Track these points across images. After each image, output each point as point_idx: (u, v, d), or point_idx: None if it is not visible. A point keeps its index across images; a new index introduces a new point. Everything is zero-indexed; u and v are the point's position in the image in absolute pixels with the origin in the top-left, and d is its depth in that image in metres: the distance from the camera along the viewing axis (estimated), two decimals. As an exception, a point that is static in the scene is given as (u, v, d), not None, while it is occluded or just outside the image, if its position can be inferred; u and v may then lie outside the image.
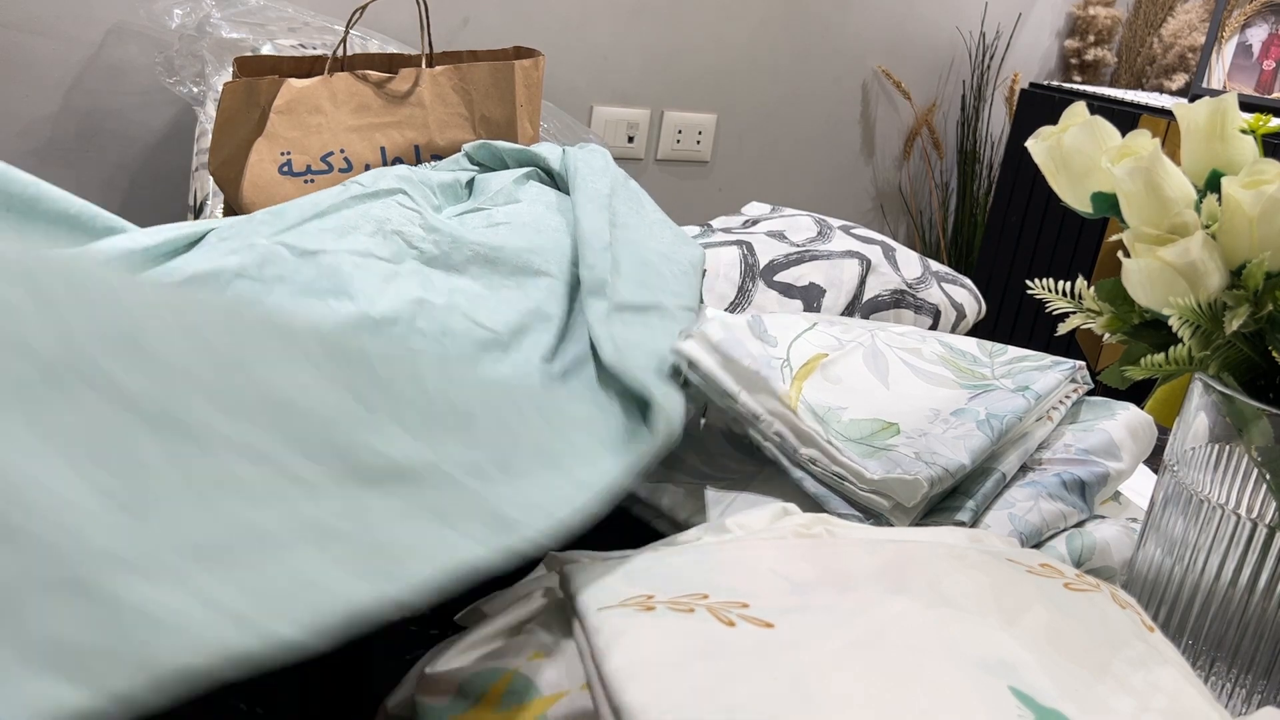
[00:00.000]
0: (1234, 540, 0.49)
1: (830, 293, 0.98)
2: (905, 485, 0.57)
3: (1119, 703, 0.35)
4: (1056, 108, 0.92)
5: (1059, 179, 0.53)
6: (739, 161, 2.39)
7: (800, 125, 2.44)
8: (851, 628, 0.36)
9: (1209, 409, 0.50)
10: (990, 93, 2.64)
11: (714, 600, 0.36)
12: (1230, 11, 2.23)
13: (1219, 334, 0.46)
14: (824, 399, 0.63)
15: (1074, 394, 0.68)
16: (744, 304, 0.96)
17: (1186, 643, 0.51)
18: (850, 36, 2.41)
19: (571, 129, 1.78)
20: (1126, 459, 0.65)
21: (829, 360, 0.67)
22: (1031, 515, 0.60)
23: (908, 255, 1.07)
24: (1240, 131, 0.49)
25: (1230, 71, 2.25)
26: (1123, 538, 0.62)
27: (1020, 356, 0.70)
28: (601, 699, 0.32)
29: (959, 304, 1.06)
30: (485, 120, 1.18)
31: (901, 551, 0.42)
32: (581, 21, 2.08)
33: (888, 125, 2.58)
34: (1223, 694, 0.51)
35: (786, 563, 0.40)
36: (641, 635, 0.34)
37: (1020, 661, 0.36)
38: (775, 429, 0.61)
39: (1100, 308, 0.52)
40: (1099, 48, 2.70)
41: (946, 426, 0.61)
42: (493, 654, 0.38)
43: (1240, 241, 0.45)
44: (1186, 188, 0.47)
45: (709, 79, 2.27)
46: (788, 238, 1.05)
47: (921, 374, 0.67)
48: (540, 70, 1.24)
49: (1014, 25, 2.64)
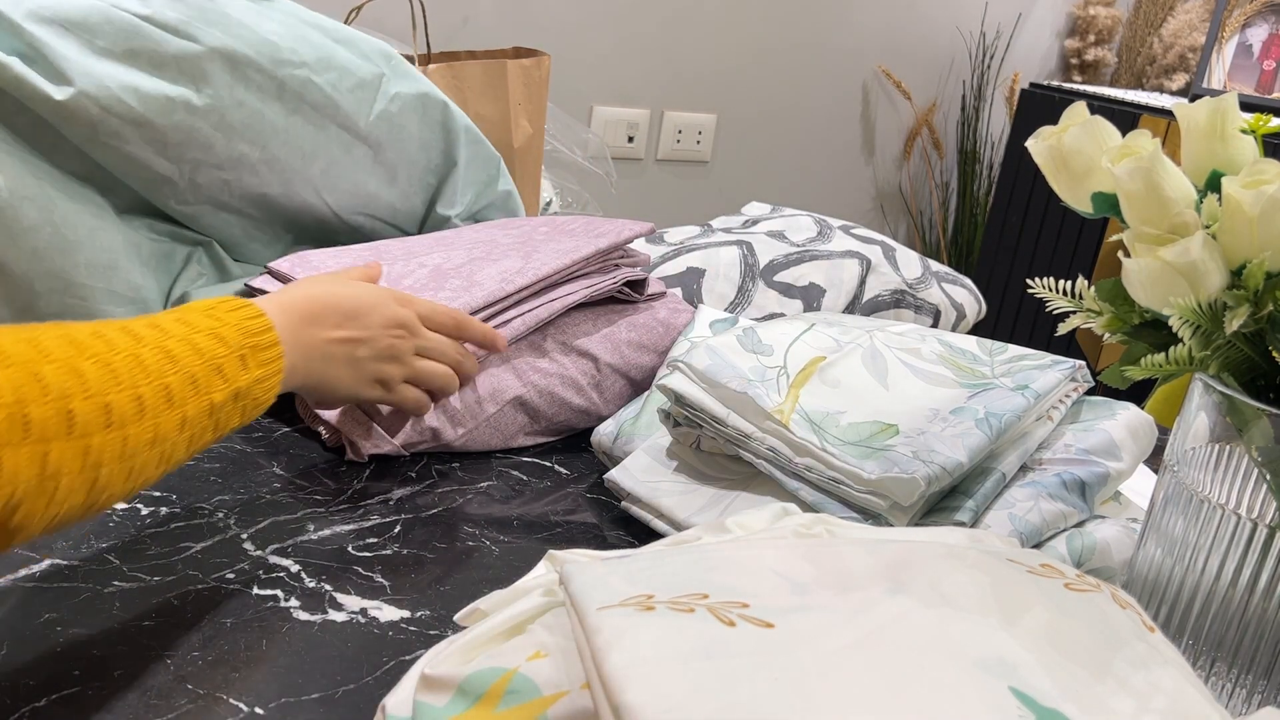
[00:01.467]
0: (1234, 540, 0.49)
1: (830, 292, 0.98)
2: (902, 484, 0.57)
3: (1119, 703, 0.35)
4: (1056, 108, 0.92)
5: (1059, 179, 0.53)
6: (739, 161, 2.39)
7: (800, 125, 2.44)
8: (852, 628, 0.36)
9: (1209, 409, 0.49)
10: (990, 93, 2.64)
11: (714, 600, 0.36)
12: (1230, 11, 2.23)
13: (1219, 334, 0.46)
14: (822, 404, 0.63)
15: (1074, 393, 0.68)
16: (744, 304, 0.96)
17: (1186, 643, 0.51)
18: (850, 36, 2.41)
19: (571, 129, 1.78)
20: (1126, 459, 0.65)
21: (827, 363, 0.67)
22: (1031, 515, 0.60)
23: (908, 255, 1.07)
24: (1240, 131, 0.49)
25: (1230, 71, 2.25)
26: (1123, 538, 0.62)
27: (1020, 355, 0.70)
28: (601, 699, 0.32)
29: (959, 304, 1.06)
30: (479, 118, 1.18)
31: (901, 551, 0.42)
32: (581, 21, 2.08)
33: (888, 125, 2.58)
34: (1223, 694, 0.51)
35: (786, 563, 0.40)
36: (641, 635, 0.34)
37: (1020, 661, 0.36)
38: (768, 444, 0.62)
39: (1100, 308, 0.52)
40: (1099, 48, 2.70)
41: (945, 425, 0.61)
42: (493, 654, 0.38)
43: (1240, 241, 0.45)
44: (1186, 188, 0.47)
45: (709, 79, 2.27)
46: (788, 238, 1.05)
47: (921, 374, 0.67)
48: (544, 70, 1.24)
49: (1014, 25, 2.63)
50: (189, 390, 0.48)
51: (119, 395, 0.44)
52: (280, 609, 0.55)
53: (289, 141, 0.86)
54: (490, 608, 0.42)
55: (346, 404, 0.71)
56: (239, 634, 0.52)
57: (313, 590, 0.57)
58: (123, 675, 0.48)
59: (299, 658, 0.51)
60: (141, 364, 0.46)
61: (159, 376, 0.47)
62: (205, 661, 0.50)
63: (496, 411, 0.75)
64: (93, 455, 0.43)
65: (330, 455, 0.72)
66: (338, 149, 0.89)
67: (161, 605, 0.54)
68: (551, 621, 0.39)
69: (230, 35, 0.80)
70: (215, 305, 0.54)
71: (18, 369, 0.40)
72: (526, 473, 0.74)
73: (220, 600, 0.55)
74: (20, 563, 0.56)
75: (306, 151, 0.87)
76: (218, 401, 0.51)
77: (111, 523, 0.60)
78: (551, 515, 0.69)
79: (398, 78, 0.93)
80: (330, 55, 0.87)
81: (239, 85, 0.81)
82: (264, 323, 0.55)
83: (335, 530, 0.63)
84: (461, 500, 0.69)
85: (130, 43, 0.76)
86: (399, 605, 0.56)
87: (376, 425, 0.71)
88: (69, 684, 0.47)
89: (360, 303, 0.65)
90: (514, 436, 0.77)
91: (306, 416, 0.75)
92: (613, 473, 0.69)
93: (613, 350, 0.81)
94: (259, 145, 0.84)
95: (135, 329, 0.48)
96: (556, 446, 0.79)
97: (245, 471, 0.68)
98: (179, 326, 0.50)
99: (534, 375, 0.77)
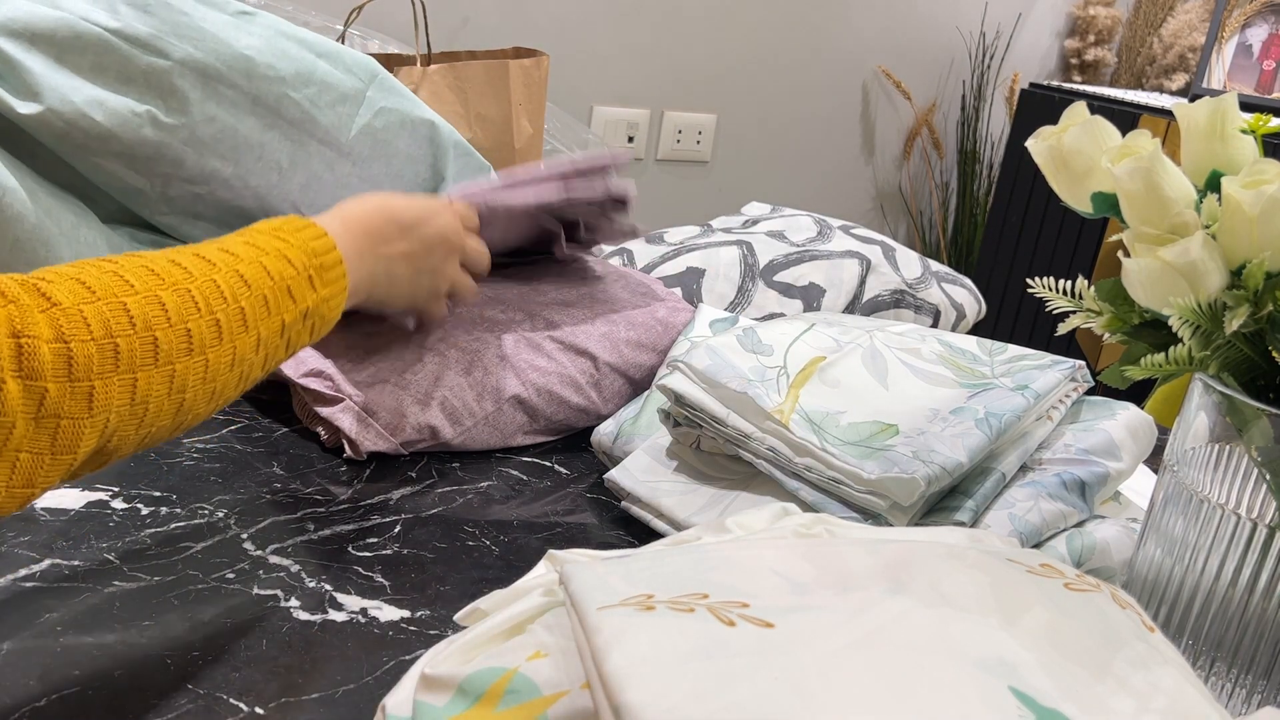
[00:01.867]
0: (1234, 540, 0.49)
1: (830, 292, 0.98)
2: (902, 484, 0.57)
3: (1119, 703, 0.35)
4: (1056, 108, 0.92)
5: (1059, 179, 0.53)
6: (739, 161, 2.39)
7: (800, 125, 2.44)
8: (851, 628, 0.36)
9: (1209, 409, 0.49)
10: (990, 93, 2.64)
11: (714, 600, 0.36)
12: (1230, 11, 2.23)
13: (1219, 334, 0.46)
14: (821, 404, 0.63)
15: (1074, 393, 0.68)
16: (744, 304, 0.96)
17: (1186, 643, 0.51)
18: (850, 36, 2.41)
19: (571, 129, 1.78)
20: (1126, 459, 0.65)
21: (827, 363, 0.67)
22: (1031, 515, 0.60)
23: (908, 255, 1.07)
24: (1240, 131, 0.49)
25: (1230, 71, 2.25)
26: (1123, 538, 0.62)
27: (1020, 355, 0.70)
28: (601, 699, 0.32)
29: (959, 304, 1.06)
30: (481, 118, 1.18)
31: (901, 551, 0.42)
32: (581, 22, 2.08)
33: (888, 125, 2.58)
34: (1223, 694, 0.51)
35: (786, 563, 0.40)
36: (641, 635, 0.34)
37: (1020, 661, 0.36)
38: (768, 444, 0.62)
39: (1100, 308, 0.52)
40: (1099, 48, 2.70)
41: (945, 425, 0.61)
42: (493, 653, 0.38)
43: (1240, 241, 0.45)
44: (1186, 188, 0.47)
45: (709, 79, 2.27)
46: (787, 238, 1.05)
47: (920, 374, 0.67)
48: (543, 70, 1.24)
49: (1014, 25, 2.63)
50: (262, 312, 0.51)
51: (199, 321, 0.47)
52: (280, 609, 0.55)
53: (264, 157, 0.85)
54: (490, 608, 0.42)
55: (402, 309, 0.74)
56: (239, 634, 0.52)
57: (313, 590, 0.57)
58: (123, 675, 0.48)
59: (299, 658, 0.51)
60: (218, 289, 0.49)
61: (234, 301, 0.49)
62: (205, 661, 0.50)
63: (495, 410, 0.75)
64: (178, 380, 0.46)
65: (330, 455, 0.72)
66: (319, 164, 0.88)
67: (161, 605, 0.54)
68: (551, 621, 0.39)
69: (202, 49, 0.79)
70: (281, 226, 0.57)
71: (105, 302, 0.43)
72: (526, 473, 0.74)
73: (220, 600, 0.55)
74: (20, 563, 0.56)
75: (284, 167, 0.86)
76: (288, 321, 0.54)
77: (111, 523, 0.60)
78: (551, 515, 0.69)
79: (382, 92, 0.92)
80: (310, 70, 0.86)
81: (210, 100, 0.80)
82: (328, 242, 0.58)
83: (335, 530, 0.63)
84: (461, 500, 0.69)
85: (98, 57, 0.76)
86: (399, 605, 0.56)
87: (375, 424, 0.71)
88: (69, 684, 0.47)
89: (417, 214, 0.69)
90: (513, 435, 0.77)
91: (305, 417, 0.75)
92: (613, 473, 0.69)
93: (612, 349, 0.81)
94: (231, 160, 0.83)
95: (208, 254, 0.50)
96: (556, 446, 0.79)
97: (245, 471, 0.68)
98: (248, 250, 0.53)
99: (533, 374, 0.77)
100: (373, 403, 0.72)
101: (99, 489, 0.63)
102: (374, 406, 0.72)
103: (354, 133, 0.90)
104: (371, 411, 0.72)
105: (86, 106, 0.75)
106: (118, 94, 0.77)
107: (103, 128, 0.76)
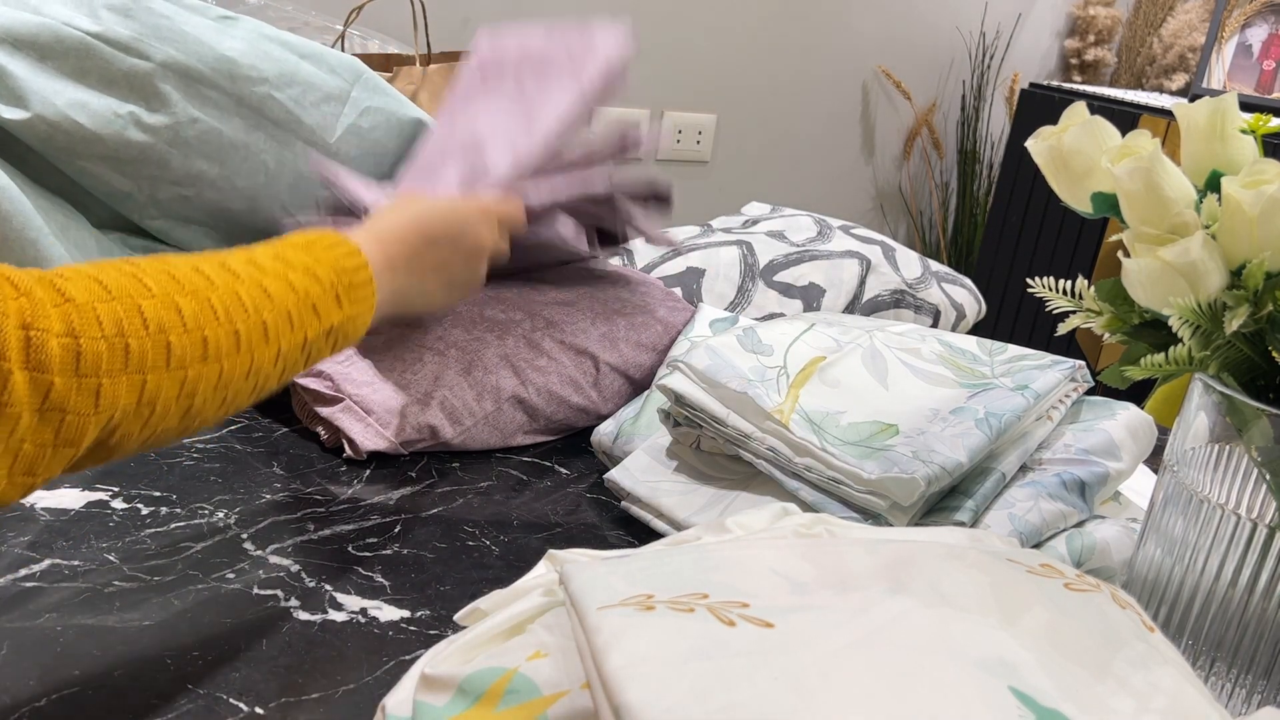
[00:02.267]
0: (1234, 540, 0.49)
1: (830, 292, 0.98)
2: (902, 484, 0.57)
3: (1119, 703, 0.35)
4: (1056, 108, 0.92)
5: (1059, 179, 0.53)
6: (739, 161, 2.39)
7: (800, 125, 2.44)
8: (851, 628, 0.36)
9: (1209, 409, 0.49)
10: (990, 93, 2.64)
11: (714, 600, 0.36)
12: (1230, 11, 2.23)
13: (1219, 334, 0.46)
14: (821, 404, 0.63)
15: (1074, 393, 0.68)
16: (743, 304, 0.96)
17: (1186, 643, 0.51)
18: (850, 36, 2.41)
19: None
20: (1126, 459, 0.65)
21: (827, 363, 0.67)
22: (1031, 515, 0.60)
23: (908, 255, 1.07)
24: (1240, 131, 0.49)
25: (1230, 71, 2.25)
26: (1123, 538, 0.62)
27: (1020, 355, 0.70)
28: (601, 699, 0.32)
29: (959, 304, 1.06)
30: (483, 119, 1.18)
31: (901, 551, 0.42)
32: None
33: (888, 125, 2.58)
34: (1223, 694, 0.51)
35: (786, 563, 0.40)
36: (641, 635, 0.34)
37: (1020, 661, 0.36)
38: (768, 444, 0.62)
39: (1100, 308, 0.52)
40: (1099, 48, 2.70)
41: (945, 425, 0.61)
42: (493, 653, 0.38)
43: (1240, 241, 0.45)
44: (1186, 188, 0.47)
45: (709, 79, 2.27)
46: (787, 238, 1.05)
47: (920, 374, 0.67)
48: (542, 70, 1.24)
49: (1014, 25, 2.63)
50: (284, 326, 0.51)
51: (216, 330, 0.47)
52: (280, 609, 0.55)
53: (249, 158, 0.85)
54: (490, 608, 0.42)
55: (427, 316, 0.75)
56: (239, 634, 0.52)
57: (313, 590, 0.57)
58: (123, 675, 0.48)
59: (299, 658, 0.51)
60: (240, 301, 0.49)
61: (256, 314, 0.49)
62: (205, 661, 0.50)
63: (495, 409, 0.75)
64: (189, 385, 0.46)
65: (330, 455, 0.72)
66: (305, 165, 0.89)
67: (161, 605, 0.54)
68: (551, 621, 0.39)
69: (184, 52, 0.79)
70: (313, 242, 0.56)
71: (120, 303, 0.43)
72: (526, 473, 0.74)
73: (220, 600, 0.55)
74: (20, 563, 0.56)
75: (270, 168, 0.86)
76: (311, 337, 0.53)
77: (112, 523, 0.60)
78: (551, 515, 0.69)
79: (367, 92, 0.92)
80: (293, 71, 0.86)
81: (193, 102, 0.80)
82: (359, 261, 0.58)
83: (335, 530, 0.63)
84: (461, 500, 0.69)
85: (80, 61, 0.76)
86: (399, 605, 0.56)
87: (375, 423, 0.71)
88: (69, 684, 0.47)
89: (457, 226, 0.68)
90: (513, 435, 0.77)
91: (305, 417, 0.75)
92: (613, 473, 0.69)
93: (612, 349, 0.81)
94: (217, 161, 0.83)
95: (234, 265, 0.50)
96: (556, 446, 0.79)
97: (245, 471, 0.68)
98: (276, 264, 0.53)
99: (533, 373, 0.77)
100: (372, 402, 0.72)
101: (99, 489, 0.64)
102: (373, 406, 0.72)
103: (340, 132, 0.90)
104: (371, 411, 0.72)
105: (70, 109, 0.75)
106: (101, 97, 0.77)
107: (87, 130, 0.76)
